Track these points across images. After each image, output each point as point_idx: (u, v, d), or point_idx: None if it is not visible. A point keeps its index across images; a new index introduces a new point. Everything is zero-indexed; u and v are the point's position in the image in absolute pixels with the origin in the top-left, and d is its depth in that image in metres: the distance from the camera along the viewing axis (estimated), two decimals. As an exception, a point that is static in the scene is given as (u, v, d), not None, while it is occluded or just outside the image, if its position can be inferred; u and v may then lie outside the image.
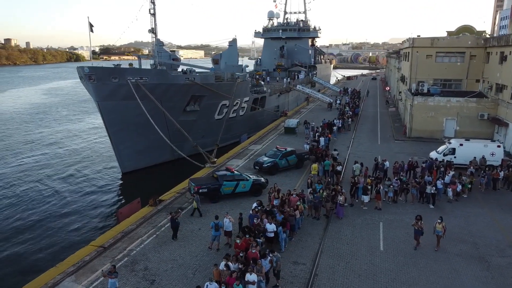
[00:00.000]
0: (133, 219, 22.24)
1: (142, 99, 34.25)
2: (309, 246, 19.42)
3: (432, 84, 47.62)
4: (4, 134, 58.28)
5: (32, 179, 37.17)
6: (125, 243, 19.53)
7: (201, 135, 42.89)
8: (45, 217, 28.33)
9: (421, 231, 18.77)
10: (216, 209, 23.73)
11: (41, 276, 16.65)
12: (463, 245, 19.60)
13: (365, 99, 79.84)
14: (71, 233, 25.47)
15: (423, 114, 41.98)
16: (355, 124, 51.07)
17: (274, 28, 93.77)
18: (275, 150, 31.86)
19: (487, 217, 23.08)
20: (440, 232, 18.79)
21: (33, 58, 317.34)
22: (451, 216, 23.05)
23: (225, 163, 33.94)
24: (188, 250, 18.96)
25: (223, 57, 54.00)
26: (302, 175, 30.37)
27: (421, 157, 34.45)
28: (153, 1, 40.97)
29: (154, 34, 41.80)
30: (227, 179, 24.88)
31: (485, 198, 25.91)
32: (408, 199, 25.32)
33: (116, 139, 36.43)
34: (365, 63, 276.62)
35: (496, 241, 20.10)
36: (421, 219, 18.92)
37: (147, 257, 18.26)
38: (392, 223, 22.04)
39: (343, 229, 21.32)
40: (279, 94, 61.78)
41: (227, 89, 42.89)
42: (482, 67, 45.46)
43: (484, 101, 40.17)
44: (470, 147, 31.16)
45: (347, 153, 36.79)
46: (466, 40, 46.36)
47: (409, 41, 49.33)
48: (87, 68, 32.85)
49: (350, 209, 24.00)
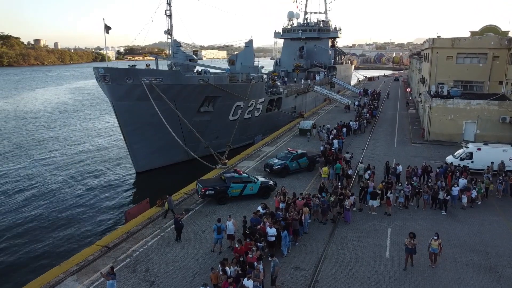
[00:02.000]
0: (140, 220, 22.42)
1: (156, 100, 34.53)
2: (312, 251, 19.10)
3: (453, 86, 46.38)
4: (25, 131, 59.95)
5: (46, 177, 38.02)
6: (129, 244, 19.68)
7: (215, 136, 43.01)
8: (56, 215, 28.85)
9: (413, 249, 17.21)
10: (223, 211, 23.67)
11: (45, 275, 16.93)
12: (473, 255, 18.89)
13: (385, 101, 78.45)
14: (80, 232, 25.86)
15: (441, 116, 40.82)
16: (372, 127, 50.18)
17: (293, 29, 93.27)
18: (286, 152, 31.60)
19: (503, 225, 22.21)
20: (436, 250, 17.27)
21: (60, 58, 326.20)
22: (463, 224, 22.33)
23: (236, 164, 33.90)
24: (191, 252, 18.95)
25: (239, 57, 53.99)
26: (313, 178, 30.00)
27: (437, 161, 33.56)
28: (169, 2, 41.20)
29: (170, 35, 42.02)
30: (234, 181, 24.79)
31: (502, 205, 24.95)
32: (420, 205, 24.63)
33: (130, 139, 36.87)
34: (389, 63, 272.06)
35: (510, 251, 19.28)
36: (414, 236, 17.22)
37: (150, 258, 18.34)
38: (401, 229, 21.44)
39: (349, 235, 20.90)
40: (296, 95, 61.33)
41: (242, 90, 42.83)
42: (505, 69, 43.95)
43: (506, 104, 38.73)
44: (488, 152, 30.10)
45: (361, 156, 36.12)
46: (489, 40, 44.90)
47: (429, 42, 48.13)
48: (102, 69, 33.39)
49: (358, 214, 23.52)
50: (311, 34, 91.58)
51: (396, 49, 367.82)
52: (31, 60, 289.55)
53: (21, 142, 52.88)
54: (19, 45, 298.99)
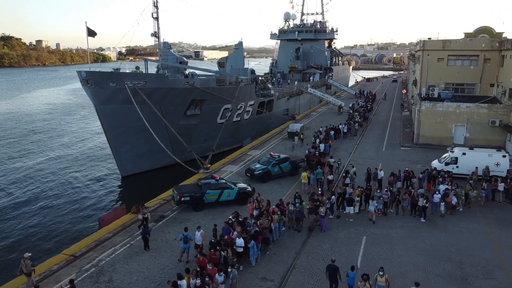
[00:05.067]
0: (112, 227, 22.07)
1: (140, 104, 34.23)
2: (282, 261, 18.70)
3: (444, 88, 45.88)
4: (13, 135, 59.78)
5: (28, 180, 37.73)
6: (97, 252, 19.33)
7: (204, 139, 42.68)
8: (32, 221, 28.33)
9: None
10: (199, 218, 23.36)
11: (6, 285, 16.62)
12: (447, 265, 18.44)
13: (381, 103, 77.89)
14: (51, 239, 25.39)
15: (431, 120, 40.29)
16: (364, 129, 49.70)
17: (290, 30, 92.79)
18: (268, 157, 31.20)
19: (481, 233, 21.75)
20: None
21: (61, 59, 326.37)
22: (441, 232, 21.89)
23: (220, 168, 33.56)
24: (158, 261, 18.59)
25: (229, 60, 53.56)
26: (295, 183, 29.58)
27: (424, 165, 33.03)
28: (156, 5, 40.91)
29: (157, 38, 41.71)
30: (211, 187, 24.41)
31: (483, 212, 24.48)
32: (400, 212, 24.18)
33: (115, 143, 36.58)
34: (390, 64, 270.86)
35: (485, 260, 18.82)
36: (368, 279, 14.51)
37: (115, 268, 17.98)
38: (377, 238, 21.03)
39: (323, 243, 20.49)
40: (288, 97, 60.88)
41: (229, 93, 42.45)
42: (496, 71, 43.40)
43: (496, 107, 38.18)
44: (474, 156, 29.60)
45: (347, 160, 35.68)
46: (480, 42, 44.36)
47: (420, 44, 47.63)
48: (84, 73, 33.11)
49: (336, 221, 23.12)
50: (307, 35, 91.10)
51: (398, 49, 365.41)
52: (32, 61, 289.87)
53: (5, 145, 52.67)
54: (20, 46, 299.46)
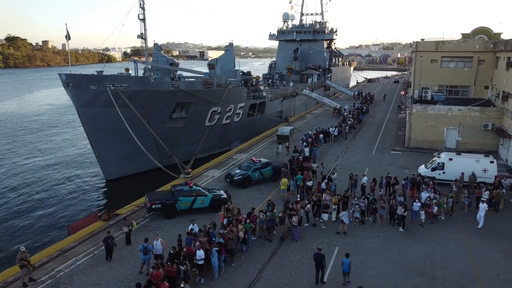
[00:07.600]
0: (79, 235, 21.44)
1: (123, 106, 33.66)
2: (247, 273, 17.97)
3: (437, 90, 44.87)
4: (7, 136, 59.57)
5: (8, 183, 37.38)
6: (57, 263, 18.72)
7: (192, 142, 42.03)
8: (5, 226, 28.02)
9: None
10: (170, 226, 22.75)
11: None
12: (418, 278, 17.60)
13: (380, 104, 76.84)
14: (15, 247, 24.73)
15: (422, 123, 39.33)
16: (356, 132, 48.76)
17: (288, 30, 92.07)
18: (249, 162, 30.46)
19: (460, 244, 20.86)
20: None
21: (66, 59, 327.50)
22: (419, 242, 21.05)
23: (202, 173, 32.89)
24: (118, 273, 17.93)
25: (219, 62, 52.80)
26: (275, 189, 28.79)
27: (412, 170, 32.15)
28: (143, 6, 40.35)
29: (143, 40, 41.15)
30: (183, 194, 23.74)
31: (466, 221, 23.54)
32: (378, 220, 23.35)
33: (98, 146, 36.08)
34: (394, 64, 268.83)
35: (459, 274, 17.96)
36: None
37: (72, 280, 17.35)
38: (350, 248, 20.14)
39: (293, 254, 19.73)
40: (282, 99, 60.06)
41: (217, 95, 41.74)
42: (491, 73, 42.32)
43: (488, 110, 37.15)
44: (461, 162, 28.64)
45: (334, 164, 34.83)
46: (474, 43, 43.28)
47: (413, 45, 46.65)
48: (64, 75, 32.62)
49: (309, 230, 22.35)
50: (306, 36, 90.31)
51: (403, 49, 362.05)
52: (37, 61, 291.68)
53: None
54: (25, 47, 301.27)
